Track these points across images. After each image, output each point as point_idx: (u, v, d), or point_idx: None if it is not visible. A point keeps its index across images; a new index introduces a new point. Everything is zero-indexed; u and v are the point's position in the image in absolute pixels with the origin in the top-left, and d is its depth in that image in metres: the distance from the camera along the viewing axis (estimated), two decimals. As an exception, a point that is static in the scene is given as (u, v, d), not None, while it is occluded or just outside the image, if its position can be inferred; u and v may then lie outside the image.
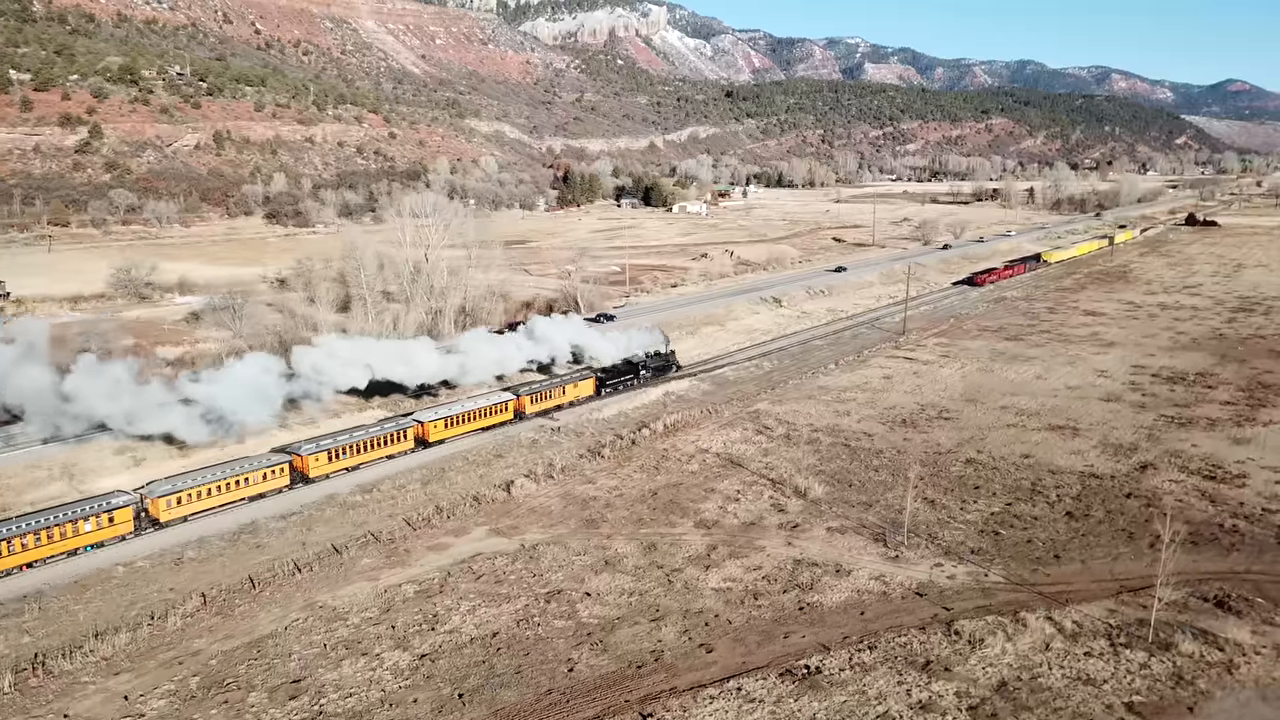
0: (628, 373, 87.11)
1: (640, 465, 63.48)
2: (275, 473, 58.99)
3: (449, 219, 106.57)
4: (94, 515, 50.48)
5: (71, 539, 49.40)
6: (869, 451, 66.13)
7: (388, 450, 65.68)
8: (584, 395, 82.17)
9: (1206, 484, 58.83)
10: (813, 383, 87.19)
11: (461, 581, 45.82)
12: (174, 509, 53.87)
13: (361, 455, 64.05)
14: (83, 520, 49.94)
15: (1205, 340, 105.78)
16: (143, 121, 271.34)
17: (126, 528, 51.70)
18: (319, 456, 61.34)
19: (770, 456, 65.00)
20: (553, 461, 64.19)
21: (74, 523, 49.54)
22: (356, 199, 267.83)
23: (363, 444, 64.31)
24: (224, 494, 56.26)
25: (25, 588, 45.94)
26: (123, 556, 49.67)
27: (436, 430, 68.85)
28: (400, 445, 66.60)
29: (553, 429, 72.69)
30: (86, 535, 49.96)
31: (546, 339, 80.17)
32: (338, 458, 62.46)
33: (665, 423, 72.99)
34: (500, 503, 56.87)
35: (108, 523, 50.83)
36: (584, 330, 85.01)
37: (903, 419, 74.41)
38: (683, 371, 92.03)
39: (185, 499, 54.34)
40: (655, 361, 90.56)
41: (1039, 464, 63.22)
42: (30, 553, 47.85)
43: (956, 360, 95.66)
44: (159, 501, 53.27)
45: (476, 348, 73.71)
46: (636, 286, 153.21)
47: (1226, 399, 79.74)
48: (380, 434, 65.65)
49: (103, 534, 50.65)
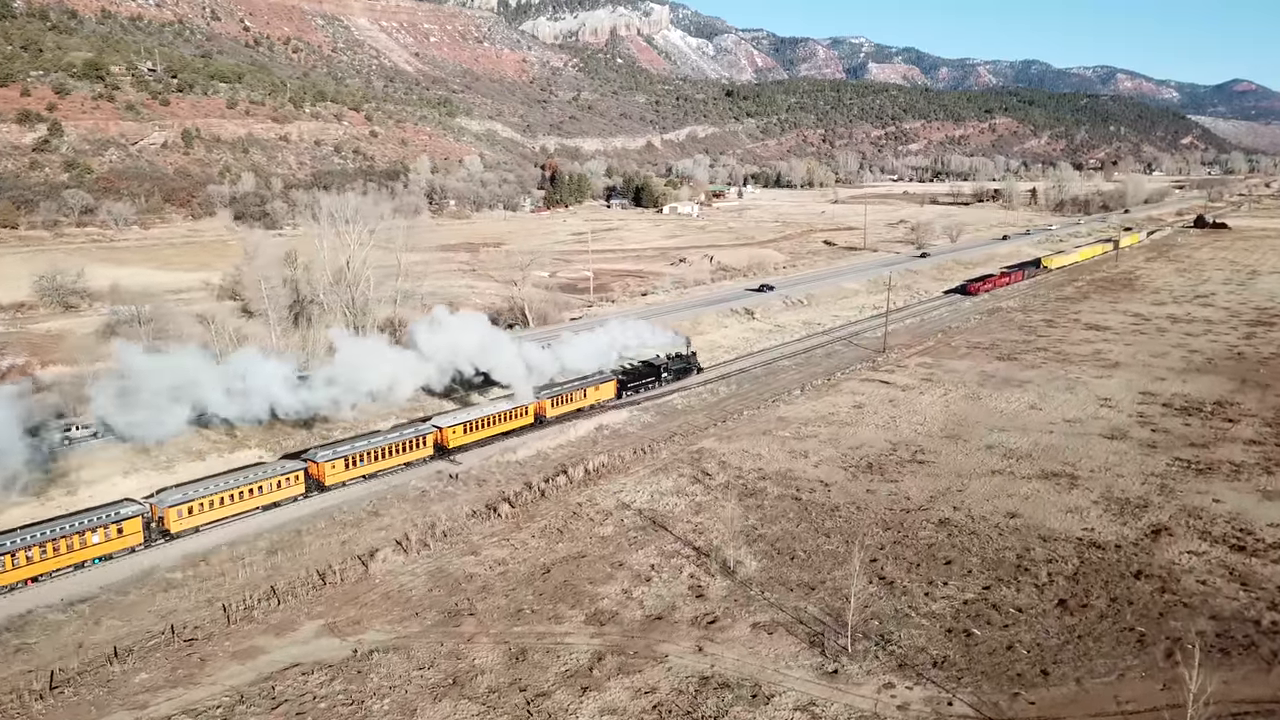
0: (648, 375, 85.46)
1: (542, 527, 52.19)
2: (290, 480, 56.64)
3: (374, 223, 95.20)
4: (102, 526, 48.09)
5: (80, 550, 47.12)
6: (822, 508, 54.78)
7: (406, 457, 62.92)
8: (605, 398, 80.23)
9: (1235, 558, 47.41)
10: (771, 413, 75.78)
11: (251, 717, 34.55)
12: (185, 519, 51.57)
13: (379, 462, 61.22)
14: (90, 531, 47.57)
15: (1222, 360, 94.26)
16: (106, 119, 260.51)
17: (136, 539, 49.31)
18: (335, 464, 58.77)
19: (702, 515, 53.67)
20: (436, 521, 52.90)
21: (81, 534, 47.19)
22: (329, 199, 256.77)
23: (380, 450, 61.45)
24: (237, 503, 53.96)
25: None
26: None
27: (456, 436, 66.01)
28: (419, 452, 63.74)
29: (451, 475, 61.36)
30: (95, 547, 47.66)
31: (436, 352, 66.61)
32: (355, 465, 59.90)
33: (589, 466, 61.70)
34: (351, 583, 45.61)
35: (116, 534, 48.57)
36: (495, 340, 71.09)
37: (869, 462, 63.01)
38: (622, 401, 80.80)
39: (197, 508, 52.07)
40: (676, 364, 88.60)
41: (1028, 527, 51.81)
42: (34, 566, 45.54)
43: (940, 385, 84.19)
44: (169, 511, 50.87)
45: (349, 371, 61.12)
46: (603, 295, 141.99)
47: (1251, 436, 68.24)
48: (399, 440, 62.86)
49: (111, 545, 48.31)
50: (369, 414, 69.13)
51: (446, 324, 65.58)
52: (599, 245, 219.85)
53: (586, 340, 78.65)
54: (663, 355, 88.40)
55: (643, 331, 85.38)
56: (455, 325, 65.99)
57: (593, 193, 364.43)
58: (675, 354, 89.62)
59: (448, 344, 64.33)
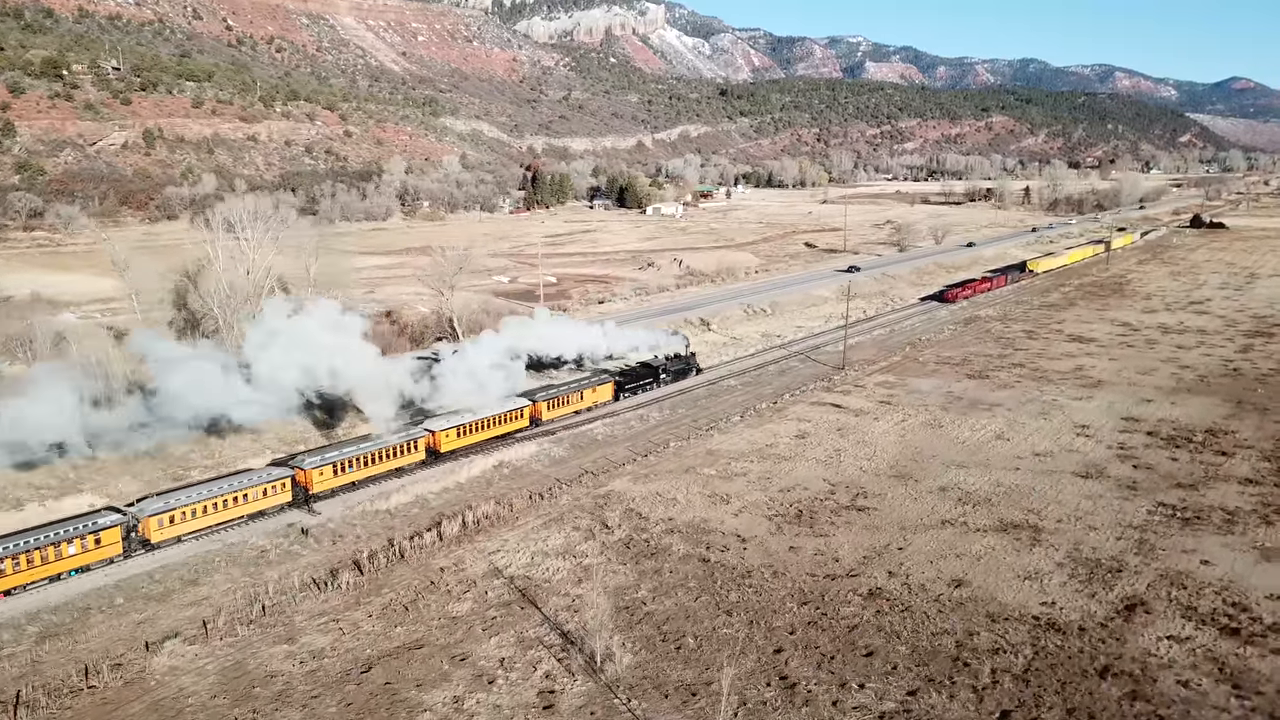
0: (646, 376, 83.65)
1: (386, 603, 43.06)
2: (276, 488, 54.09)
3: (276, 229, 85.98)
4: (79, 537, 45.78)
5: (55, 562, 44.87)
6: (732, 574, 45.66)
7: (398, 462, 60.65)
8: (603, 400, 78.27)
9: (1225, 645, 38.33)
10: (702, 445, 66.63)
11: None
12: (166, 529, 49.20)
13: (369, 468, 58.91)
14: (66, 542, 45.28)
15: (1216, 378, 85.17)
16: (63, 118, 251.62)
17: (115, 549, 47.04)
18: (324, 470, 56.15)
19: (585, 584, 44.54)
20: (261, 593, 43.79)
21: (57, 545, 45.03)
22: (294, 201, 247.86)
23: (371, 456, 59.02)
24: (221, 512, 51.37)
25: None
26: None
27: (449, 440, 64.41)
28: (411, 457, 61.57)
29: (302, 529, 52.15)
30: (71, 559, 45.36)
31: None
32: (344, 471, 57.30)
33: (469, 518, 52.50)
34: (118, 687, 36.46)
35: (94, 545, 46.23)
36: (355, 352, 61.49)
37: (800, 510, 53.88)
38: (540, 428, 71.57)
39: (179, 517, 49.68)
40: (675, 365, 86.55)
41: (975, 600, 42.71)
42: (9, 578, 43.19)
43: (899, 409, 75.02)
44: (150, 521, 48.57)
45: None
46: (554, 304, 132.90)
47: (1247, 474, 59.15)
48: (389, 445, 60.22)
49: (88, 557, 46.03)
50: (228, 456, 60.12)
51: (291, 333, 55.35)
52: (572, 248, 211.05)
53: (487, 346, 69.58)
54: (661, 356, 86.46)
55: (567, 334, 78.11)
56: (302, 333, 55.81)
57: (576, 193, 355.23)
58: (674, 354, 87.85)
59: (291, 360, 54.29)
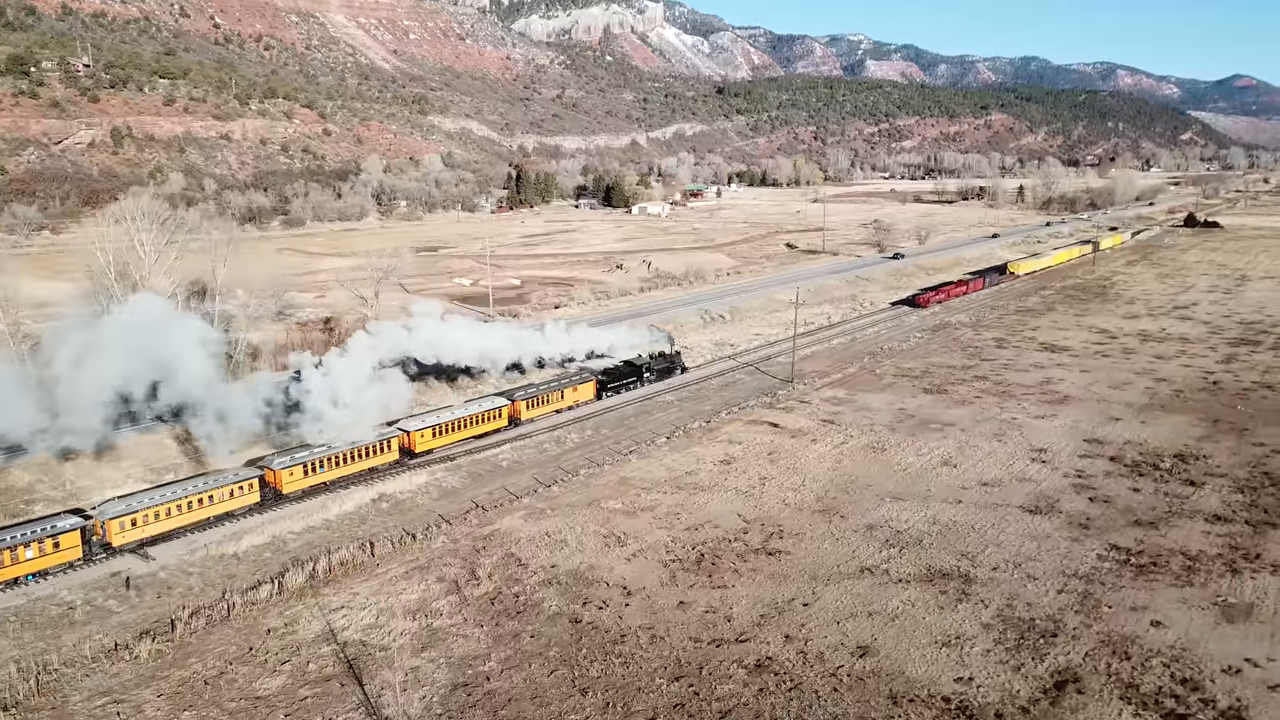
0: (630, 375, 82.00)
1: (185, 678, 36.60)
2: (244, 489, 53.41)
3: (173, 231, 79.53)
4: (36, 540, 44.61)
5: (10, 567, 43.67)
6: (604, 639, 39.15)
7: (370, 462, 59.71)
8: (584, 399, 77.00)
9: (1166, 740, 31.84)
10: (616, 472, 60.10)
11: None
12: (128, 531, 47.96)
13: (340, 468, 58.01)
14: (23, 546, 44.14)
15: (1193, 393, 78.48)
16: (27, 116, 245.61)
17: (74, 554, 45.92)
18: (293, 471, 55.65)
19: (428, 652, 38.06)
20: (46, 663, 37.35)
21: (13, 549, 43.80)
22: (265, 201, 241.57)
23: (341, 456, 57.97)
24: (186, 514, 50.49)
25: None
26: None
27: (424, 440, 63.49)
28: (384, 457, 60.60)
29: (126, 580, 45.58)
30: (28, 563, 44.14)
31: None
32: (313, 471, 56.67)
33: (323, 565, 46.02)
34: None
35: (52, 548, 45.06)
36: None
37: (703, 553, 47.36)
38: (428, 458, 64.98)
39: (142, 520, 48.48)
40: (659, 363, 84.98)
41: (879, 673, 36.20)
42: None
43: (841, 429, 68.44)
44: (112, 524, 47.49)
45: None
46: (507, 310, 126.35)
47: (1216, 509, 52.52)
48: (361, 446, 59.06)
49: (46, 561, 44.85)
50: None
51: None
52: (546, 248, 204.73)
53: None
54: (645, 354, 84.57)
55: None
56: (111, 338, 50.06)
57: (562, 192, 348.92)
58: (659, 353, 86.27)
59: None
